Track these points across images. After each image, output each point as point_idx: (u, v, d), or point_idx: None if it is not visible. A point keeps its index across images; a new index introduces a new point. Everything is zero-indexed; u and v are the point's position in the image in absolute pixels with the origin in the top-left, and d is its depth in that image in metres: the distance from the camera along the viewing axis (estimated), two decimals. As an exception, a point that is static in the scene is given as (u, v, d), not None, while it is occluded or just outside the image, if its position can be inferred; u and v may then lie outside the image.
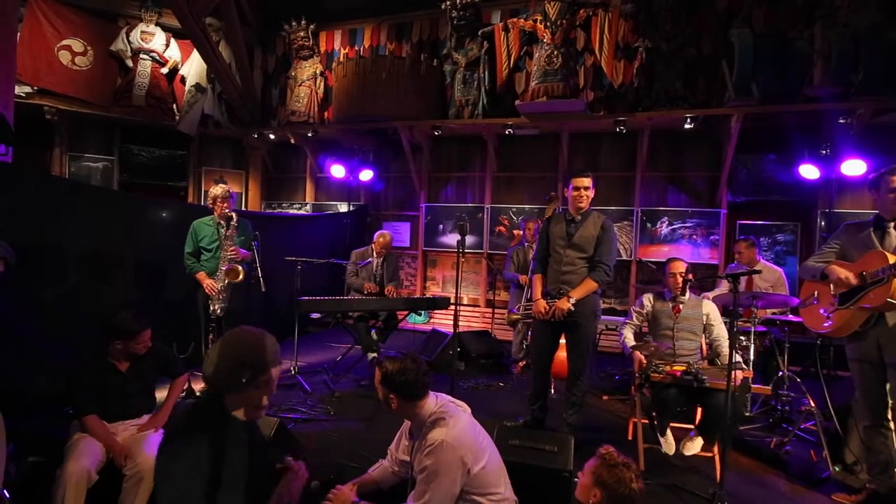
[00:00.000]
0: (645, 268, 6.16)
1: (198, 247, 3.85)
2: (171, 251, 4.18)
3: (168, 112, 7.39)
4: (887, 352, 2.48)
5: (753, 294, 3.73)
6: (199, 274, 3.78)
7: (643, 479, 1.71)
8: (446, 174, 7.40)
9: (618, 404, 4.14)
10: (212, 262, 3.82)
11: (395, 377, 1.90)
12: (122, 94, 7.11)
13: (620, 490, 1.64)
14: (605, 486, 1.66)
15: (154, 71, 7.23)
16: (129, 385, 2.50)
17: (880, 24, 4.90)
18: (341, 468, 2.72)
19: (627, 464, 1.70)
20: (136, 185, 7.58)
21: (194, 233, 3.86)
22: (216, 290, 3.72)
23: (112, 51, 7.09)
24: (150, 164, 7.70)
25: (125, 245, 3.98)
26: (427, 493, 1.80)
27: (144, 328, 2.48)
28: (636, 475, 1.68)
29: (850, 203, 5.66)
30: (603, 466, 1.70)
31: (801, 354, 4.74)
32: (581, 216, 3.22)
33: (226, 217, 3.79)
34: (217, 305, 3.72)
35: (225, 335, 1.54)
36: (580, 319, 3.12)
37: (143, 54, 7.13)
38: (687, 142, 6.18)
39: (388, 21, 7.26)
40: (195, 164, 7.98)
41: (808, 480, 2.92)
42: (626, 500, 1.65)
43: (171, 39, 7.36)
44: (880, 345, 2.51)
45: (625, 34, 5.86)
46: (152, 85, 7.18)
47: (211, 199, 3.85)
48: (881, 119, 5.11)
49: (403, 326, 5.63)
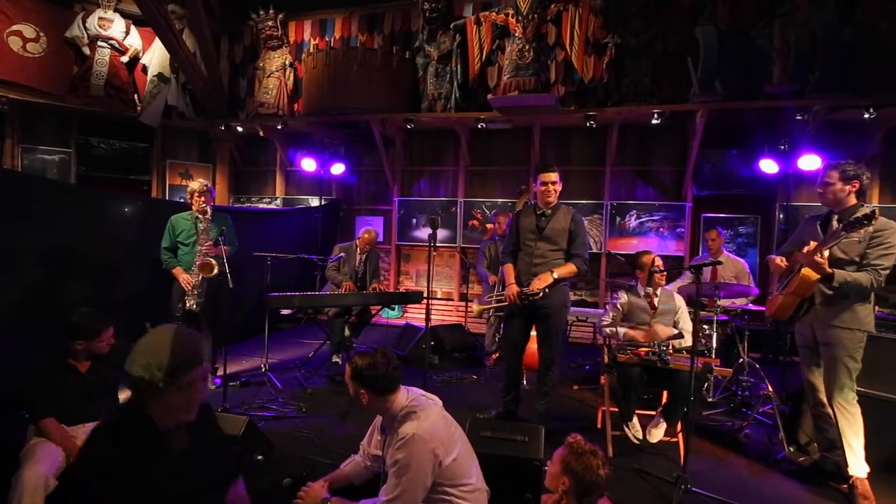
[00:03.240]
0: (614, 260, 6.30)
1: (175, 242, 3.84)
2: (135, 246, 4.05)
3: (129, 102, 7.11)
4: (819, 333, 2.70)
5: (716, 284, 3.87)
6: (176, 269, 3.79)
7: (609, 466, 1.76)
8: (419, 168, 7.37)
9: (587, 393, 4.23)
10: (189, 256, 3.82)
11: (366, 372, 1.89)
12: (79, 83, 6.79)
13: (588, 477, 1.69)
14: (574, 473, 1.71)
15: (113, 59, 6.93)
16: (89, 386, 2.41)
17: (836, 25, 5.11)
18: (313, 465, 2.70)
19: (594, 451, 1.75)
20: (96, 179, 7.26)
21: (171, 228, 3.85)
22: (192, 285, 3.70)
23: (67, 37, 6.76)
24: (110, 156, 7.39)
25: (85, 241, 3.82)
26: (399, 487, 1.81)
27: (107, 326, 2.40)
28: (602, 462, 1.73)
29: (807, 197, 5.92)
30: (571, 455, 1.74)
31: (760, 341, 4.96)
32: (551, 210, 3.26)
33: (202, 211, 3.79)
34: (192, 301, 3.72)
35: (143, 337, 1.43)
36: (550, 310, 3.17)
37: (101, 42, 6.82)
38: (655, 136, 6.33)
39: (360, 12, 7.14)
40: (159, 156, 7.71)
41: (766, 461, 3.06)
42: (592, 486, 1.70)
43: (132, 27, 7.07)
44: (814, 329, 2.73)
45: (594, 30, 5.94)
46: (111, 74, 6.89)
47: (189, 194, 3.86)
48: (835, 116, 5.35)
49: (377, 321, 5.61)
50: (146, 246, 4.05)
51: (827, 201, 2.72)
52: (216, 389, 3.89)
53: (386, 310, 6.78)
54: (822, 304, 2.65)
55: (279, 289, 4.26)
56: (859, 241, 2.55)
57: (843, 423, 2.60)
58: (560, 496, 1.75)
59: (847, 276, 2.52)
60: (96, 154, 7.31)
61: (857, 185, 2.62)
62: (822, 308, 2.65)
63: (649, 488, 2.68)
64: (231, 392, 3.81)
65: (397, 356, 2.06)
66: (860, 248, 2.56)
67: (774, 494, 2.69)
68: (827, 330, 2.64)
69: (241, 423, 2.46)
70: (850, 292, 2.55)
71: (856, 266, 2.57)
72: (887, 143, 5.37)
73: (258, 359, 4.62)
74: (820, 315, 2.67)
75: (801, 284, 2.62)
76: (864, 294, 2.57)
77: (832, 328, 2.62)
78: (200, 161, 8.02)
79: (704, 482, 2.63)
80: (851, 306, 2.59)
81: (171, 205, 6.59)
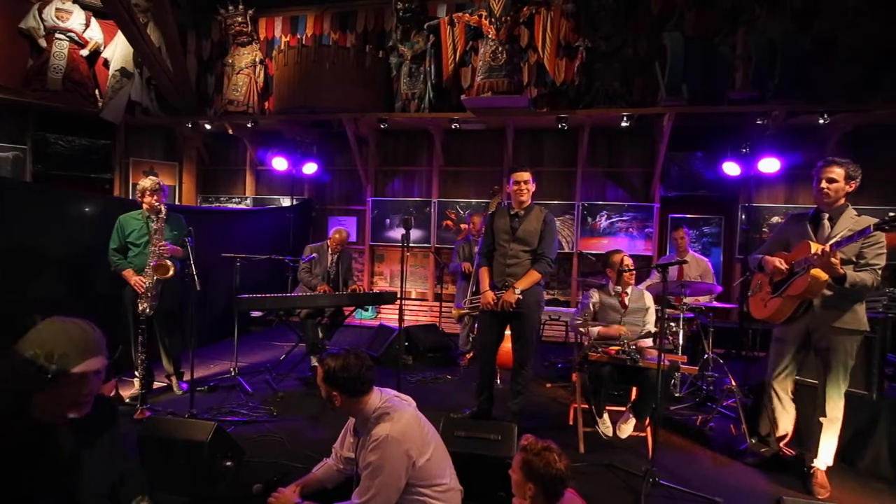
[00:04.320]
0: (586, 259, 6.42)
1: (124, 242, 3.64)
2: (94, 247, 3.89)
3: (89, 98, 6.83)
4: (815, 336, 2.71)
5: (682, 283, 3.99)
6: (126, 271, 3.57)
7: (567, 457, 1.76)
8: (393, 168, 7.34)
9: (560, 391, 4.30)
10: (140, 258, 3.61)
11: (338, 374, 1.88)
12: (35, 76, 6.49)
13: (549, 472, 1.68)
14: (535, 474, 1.70)
15: (72, 52, 6.64)
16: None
17: (794, 34, 5.35)
18: (285, 469, 2.66)
19: (548, 447, 1.74)
20: (54, 177, 6.93)
21: (120, 228, 3.64)
22: (144, 288, 3.50)
23: (22, 28, 6.45)
24: (68, 153, 7.06)
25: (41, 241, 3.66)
26: (372, 489, 1.80)
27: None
28: (559, 454, 1.73)
29: (767, 198, 6.17)
30: (527, 456, 1.74)
31: (724, 338, 5.13)
32: (524, 210, 3.29)
33: (155, 211, 3.58)
34: (146, 304, 3.49)
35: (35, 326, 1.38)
36: (524, 310, 3.20)
37: (58, 34, 6.53)
38: (624, 139, 6.48)
39: (332, 10, 7.06)
40: (121, 154, 7.42)
41: (729, 452, 3.18)
42: (556, 480, 1.69)
43: (92, 19, 6.79)
44: (809, 330, 2.74)
45: (566, 33, 6.04)
46: (70, 68, 6.61)
47: (139, 192, 3.62)
48: (793, 121, 5.59)
49: (350, 322, 5.55)
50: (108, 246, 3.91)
51: (827, 198, 2.65)
52: (183, 395, 3.79)
53: (359, 311, 6.72)
54: (821, 306, 2.63)
55: (250, 291, 4.18)
56: (857, 241, 2.53)
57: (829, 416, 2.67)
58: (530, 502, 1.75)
59: (856, 277, 2.50)
60: (54, 151, 6.98)
61: (854, 186, 2.62)
62: (822, 311, 2.63)
63: (619, 482, 2.74)
64: (199, 397, 3.70)
65: (371, 357, 2.05)
66: (856, 248, 2.55)
67: (737, 484, 2.79)
68: (830, 333, 2.63)
69: (208, 429, 2.39)
70: (856, 293, 2.55)
71: (853, 266, 2.56)
72: (841, 147, 5.64)
73: (228, 362, 4.52)
74: (820, 318, 2.65)
75: (811, 286, 2.56)
76: (864, 295, 2.59)
77: (835, 330, 2.61)
78: (166, 159, 7.76)
79: (671, 475, 2.71)
80: (852, 307, 2.59)
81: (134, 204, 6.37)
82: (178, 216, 3.86)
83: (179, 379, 3.95)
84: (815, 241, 2.64)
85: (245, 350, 5.24)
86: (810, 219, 2.76)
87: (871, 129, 5.56)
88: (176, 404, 3.60)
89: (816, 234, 2.70)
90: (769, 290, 2.87)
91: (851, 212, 2.64)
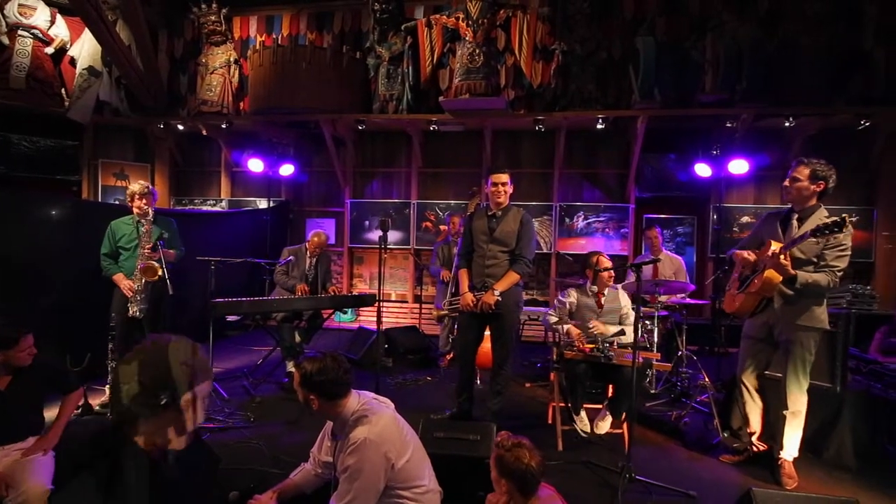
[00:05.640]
0: (563, 260, 6.50)
1: (115, 247, 3.66)
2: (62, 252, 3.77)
3: (55, 97, 6.60)
4: (777, 331, 2.81)
5: (656, 282, 4.08)
6: (117, 276, 3.61)
7: (541, 454, 1.78)
8: (371, 169, 7.30)
9: (540, 390, 4.34)
10: (130, 261, 3.64)
11: (315, 377, 1.86)
12: (-4, 74, 6.25)
13: (520, 469, 1.71)
14: (508, 470, 1.73)
15: (36, 50, 6.42)
16: (10, 404, 2.22)
17: (760, 39, 5.53)
18: (263, 476, 2.61)
19: (520, 443, 1.76)
20: (18, 179, 6.68)
21: (111, 233, 3.67)
22: (134, 291, 3.54)
23: (-19, 25, 6.20)
24: (34, 155, 6.82)
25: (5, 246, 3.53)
26: (350, 493, 1.79)
27: (24, 334, 2.22)
28: (531, 451, 1.74)
29: (736, 198, 6.36)
30: (500, 452, 1.76)
31: (697, 335, 5.26)
32: (502, 211, 3.32)
33: (144, 214, 3.63)
34: (135, 308, 3.55)
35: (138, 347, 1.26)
36: (503, 311, 3.22)
37: (21, 30, 6.30)
38: (600, 141, 6.59)
39: (308, 9, 6.99)
40: (90, 155, 7.20)
41: (703, 447, 3.26)
42: (528, 475, 1.71)
43: (58, 15, 6.57)
44: (771, 325, 2.84)
45: (542, 36, 6.11)
46: (34, 66, 6.38)
47: (129, 196, 3.69)
48: (760, 123, 5.77)
49: (330, 325, 5.49)
50: (78, 251, 3.79)
51: (790, 197, 2.73)
52: (156, 402, 3.69)
53: (339, 314, 6.66)
54: (782, 304, 2.70)
55: (226, 294, 4.10)
56: (817, 242, 2.57)
57: (792, 409, 2.76)
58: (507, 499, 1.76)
59: (808, 278, 2.57)
60: (18, 152, 6.73)
61: (823, 186, 2.64)
62: (783, 308, 2.70)
63: (597, 479, 2.78)
64: (173, 404, 3.61)
65: (350, 360, 2.03)
66: (817, 249, 2.60)
67: (710, 477, 2.86)
68: (790, 329, 2.71)
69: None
70: (809, 293, 2.63)
71: (813, 266, 2.62)
72: (805, 149, 5.85)
73: (203, 368, 4.41)
74: (781, 315, 2.73)
75: (765, 285, 2.65)
76: (822, 294, 2.67)
77: (795, 327, 2.69)
78: (137, 161, 7.56)
79: (647, 470, 2.76)
80: (810, 307, 2.66)
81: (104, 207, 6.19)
82: (169, 220, 3.91)
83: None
84: (783, 239, 2.72)
85: (221, 355, 5.14)
86: (782, 218, 2.83)
87: (834, 132, 5.78)
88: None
89: (786, 233, 2.76)
90: (738, 285, 2.97)
91: (823, 213, 2.68)
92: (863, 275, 5.86)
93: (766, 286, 2.67)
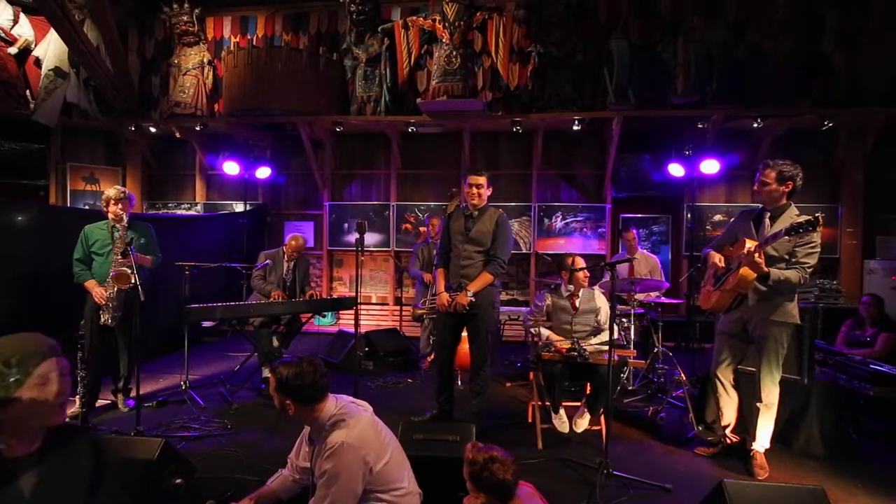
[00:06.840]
0: (542, 260, 6.56)
1: (88, 252, 3.56)
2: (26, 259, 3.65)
3: (20, 99, 6.37)
4: (751, 326, 2.90)
5: (632, 280, 4.15)
6: (89, 282, 3.50)
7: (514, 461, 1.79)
8: (350, 171, 7.26)
9: (520, 390, 4.38)
10: (104, 268, 3.54)
11: (291, 382, 1.84)
12: (-44, 76, 6.01)
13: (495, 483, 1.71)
14: (484, 486, 1.73)
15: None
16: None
17: (729, 43, 5.69)
18: (241, 484, 2.57)
19: (492, 457, 1.75)
20: (-20, 184, 6.47)
21: (84, 238, 3.56)
22: (106, 299, 3.44)
23: (-61, 24, 5.96)
24: (-3, 158, 6.60)
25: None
26: (328, 498, 1.77)
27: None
28: (503, 463, 1.73)
29: (708, 198, 6.52)
30: (473, 470, 1.76)
31: (673, 331, 5.37)
32: (478, 212, 3.33)
33: (119, 220, 3.53)
34: (107, 315, 3.45)
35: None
36: (479, 311, 3.23)
37: (-18, 30, 6.08)
38: (576, 142, 6.68)
39: (284, 10, 6.92)
40: (57, 159, 6.99)
41: (678, 440, 3.33)
42: (504, 488, 1.72)
43: (21, 14, 6.35)
44: (745, 321, 2.92)
45: (518, 39, 6.17)
46: (-3, 67, 6.16)
47: (104, 201, 3.58)
48: (731, 124, 5.93)
49: (309, 329, 5.44)
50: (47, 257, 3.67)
51: (761, 199, 2.85)
52: (129, 412, 3.60)
53: (318, 317, 6.59)
54: (756, 301, 2.78)
55: (202, 300, 4.02)
56: (790, 240, 2.65)
57: (765, 401, 2.83)
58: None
59: (781, 275, 2.65)
60: (-20, 156, 6.50)
61: (791, 186, 2.74)
62: (757, 304, 2.79)
63: (576, 476, 2.81)
64: (147, 413, 3.53)
65: (330, 364, 2.02)
66: (789, 247, 2.69)
67: (685, 470, 2.92)
68: (763, 325, 2.80)
69: (155, 446, 2.28)
70: (782, 289, 2.72)
71: (785, 263, 2.71)
72: (773, 149, 6.02)
73: (178, 376, 4.32)
74: (755, 311, 2.81)
75: (740, 282, 2.72)
76: (794, 290, 2.77)
77: (768, 323, 2.78)
78: (108, 164, 7.37)
79: (625, 465, 2.81)
80: (782, 303, 2.76)
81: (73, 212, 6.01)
82: (146, 224, 3.80)
83: (126, 396, 3.76)
84: (757, 237, 2.80)
85: (197, 362, 5.04)
86: (755, 216, 2.92)
87: (800, 133, 5.98)
88: (121, 422, 3.42)
89: (759, 231, 2.84)
90: (713, 282, 3.04)
91: (793, 211, 2.78)
92: (828, 270, 6.07)
93: (741, 283, 2.74)
